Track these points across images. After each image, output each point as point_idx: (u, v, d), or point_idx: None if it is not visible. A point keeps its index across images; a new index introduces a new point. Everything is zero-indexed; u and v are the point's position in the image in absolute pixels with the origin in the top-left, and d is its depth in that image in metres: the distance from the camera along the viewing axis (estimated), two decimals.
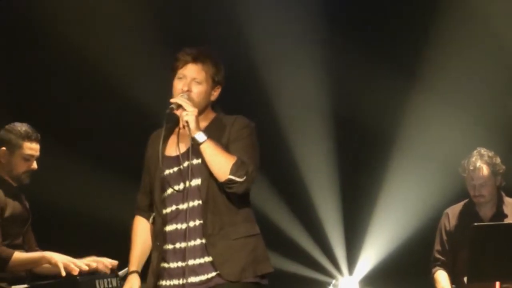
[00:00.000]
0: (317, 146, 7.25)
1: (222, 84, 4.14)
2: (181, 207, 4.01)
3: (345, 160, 7.28)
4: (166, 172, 4.05)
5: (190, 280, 3.98)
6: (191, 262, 3.98)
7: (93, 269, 4.91)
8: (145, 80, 6.93)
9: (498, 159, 5.83)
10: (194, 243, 3.99)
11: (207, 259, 3.97)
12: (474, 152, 5.83)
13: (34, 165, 5.14)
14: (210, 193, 3.96)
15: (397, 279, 6.97)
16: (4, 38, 6.98)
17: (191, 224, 3.98)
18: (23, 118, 5.34)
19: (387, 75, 6.98)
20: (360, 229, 7.23)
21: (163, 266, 4.05)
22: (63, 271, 4.83)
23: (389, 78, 7.00)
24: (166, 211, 4.05)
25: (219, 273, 3.95)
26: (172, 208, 4.03)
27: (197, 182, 3.99)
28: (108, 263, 4.94)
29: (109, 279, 4.83)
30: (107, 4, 7.06)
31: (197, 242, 3.98)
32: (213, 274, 3.97)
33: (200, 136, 3.92)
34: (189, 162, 3.98)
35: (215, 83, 4.11)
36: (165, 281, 4.05)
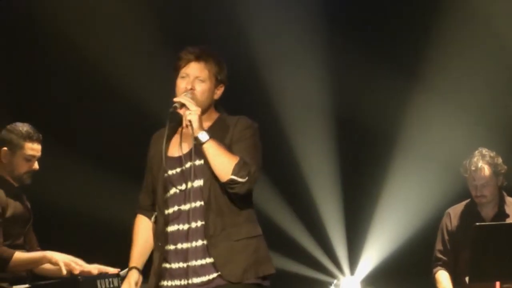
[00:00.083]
0: (318, 146, 7.25)
1: (225, 83, 4.13)
2: (183, 207, 4.00)
3: (346, 160, 7.27)
4: (168, 172, 4.04)
5: (192, 281, 3.97)
6: (193, 263, 3.97)
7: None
8: (145, 80, 6.92)
9: (500, 159, 5.82)
10: (196, 244, 3.98)
11: (209, 260, 3.96)
12: (476, 152, 5.82)
13: (36, 166, 5.14)
14: (212, 194, 3.96)
15: (398, 279, 6.96)
16: (4, 38, 6.97)
17: (193, 225, 3.98)
18: (23, 118, 5.34)
19: (388, 75, 6.98)
20: (362, 229, 7.23)
21: (165, 266, 4.04)
22: (64, 270, 4.83)
23: (390, 78, 6.99)
24: (168, 211, 4.04)
25: (221, 274, 3.94)
26: (174, 209, 4.02)
27: (199, 183, 3.98)
28: (110, 271, 4.94)
29: (110, 279, 4.83)
30: (107, 4, 7.06)
31: (199, 243, 3.97)
32: (214, 275, 3.96)
33: (203, 135, 3.92)
34: (192, 163, 3.97)
35: (218, 82, 4.10)
36: (167, 282, 4.04)
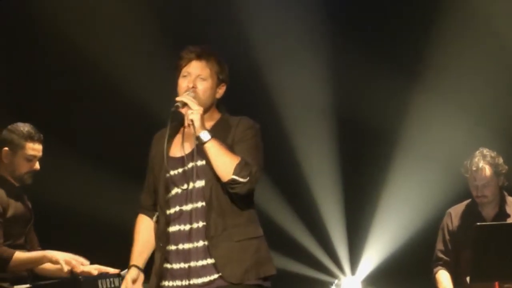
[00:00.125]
0: (319, 146, 7.24)
1: (226, 83, 4.13)
2: (184, 208, 4.00)
3: (347, 160, 7.27)
4: (170, 172, 4.03)
5: (193, 282, 3.97)
6: (194, 263, 3.97)
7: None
8: (146, 80, 6.92)
9: (501, 159, 5.82)
10: (197, 244, 3.97)
11: (210, 261, 3.96)
12: (477, 152, 5.82)
13: (37, 166, 5.14)
14: (213, 194, 3.95)
15: (399, 278, 6.96)
16: (4, 38, 6.96)
17: (194, 225, 3.97)
18: (23, 118, 5.33)
19: (389, 75, 6.98)
20: (363, 229, 7.23)
21: (166, 267, 4.04)
22: (65, 267, 4.84)
23: (391, 78, 6.99)
24: (170, 211, 4.03)
25: (221, 275, 3.94)
26: (176, 209, 4.02)
27: (201, 183, 3.97)
28: (111, 272, 4.94)
29: (111, 279, 4.84)
30: (107, 4, 7.05)
31: (200, 244, 3.97)
32: (215, 276, 3.95)
33: (205, 135, 3.91)
34: (194, 163, 3.97)
35: (220, 81, 4.10)
36: (168, 282, 4.04)
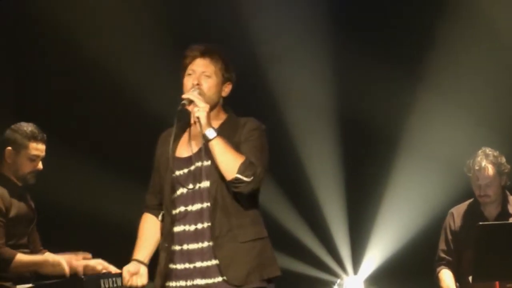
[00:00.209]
0: (321, 146, 7.24)
1: (232, 81, 4.13)
2: (189, 208, 4.00)
3: (349, 160, 7.26)
4: (176, 173, 4.04)
5: (196, 282, 3.98)
6: (199, 264, 3.98)
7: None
8: (146, 79, 6.91)
9: (503, 158, 5.81)
10: (202, 245, 3.98)
11: (214, 261, 3.96)
12: (479, 151, 5.81)
13: (40, 166, 5.14)
14: (219, 195, 3.95)
15: (401, 278, 6.96)
16: (4, 38, 6.96)
17: (199, 226, 3.98)
18: (25, 117, 5.33)
19: (391, 75, 6.97)
20: (365, 228, 7.22)
21: (171, 267, 4.04)
22: (67, 269, 4.83)
23: (393, 78, 6.98)
24: (175, 211, 4.04)
25: (225, 278, 3.94)
26: (181, 209, 4.02)
27: (206, 184, 3.98)
28: (112, 270, 4.94)
29: (114, 278, 4.83)
30: (107, 4, 7.05)
31: (205, 244, 3.98)
32: (219, 279, 3.96)
33: (211, 132, 3.92)
34: (199, 164, 3.98)
35: (225, 79, 4.10)
36: (172, 282, 4.05)
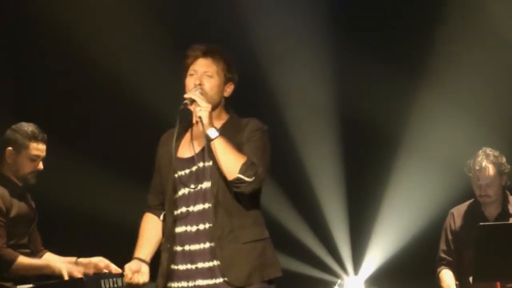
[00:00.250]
0: (322, 146, 7.24)
1: (234, 82, 4.13)
2: (191, 209, 4.01)
3: (350, 160, 7.27)
4: (178, 173, 4.04)
5: (198, 283, 3.98)
6: (200, 265, 3.99)
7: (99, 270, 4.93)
8: (146, 79, 6.92)
9: (504, 158, 5.81)
10: (204, 246, 3.99)
11: (216, 263, 3.96)
12: (480, 152, 5.81)
13: (40, 166, 5.14)
14: (220, 196, 3.95)
15: (402, 278, 6.96)
16: (4, 38, 6.96)
17: (200, 226, 3.98)
18: (25, 117, 5.33)
19: (391, 75, 6.98)
20: (366, 229, 7.22)
21: (173, 268, 4.05)
22: (66, 277, 4.84)
23: (393, 78, 6.99)
24: (177, 212, 4.04)
25: (226, 279, 3.94)
26: (182, 210, 4.02)
27: (207, 184, 3.98)
28: (113, 268, 4.94)
29: (114, 279, 4.83)
30: (107, 4, 7.05)
31: (206, 245, 3.98)
32: (220, 280, 3.96)
33: (213, 132, 3.92)
34: (201, 164, 3.99)
35: (227, 79, 4.09)
36: (174, 283, 4.05)
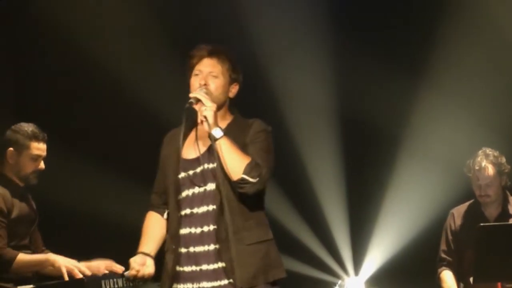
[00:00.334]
0: (322, 147, 7.24)
1: (239, 82, 4.14)
2: (195, 211, 4.01)
3: (350, 161, 7.27)
4: (182, 174, 4.04)
5: (203, 285, 3.99)
6: (205, 267, 3.99)
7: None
8: (147, 79, 6.91)
9: (504, 158, 5.82)
10: (208, 248, 3.99)
11: (221, 264, 3.97)
12: (479, 152, 5.82)
13: (42, 165, 5.13)
14: (224, 198, 3.94)
15: (402, 279, 6.96)
16: (4, 38, 6.96)
17: (205, 228, 3.99)
18: (25, 117, 5.33)
19: (392, 75, 6.98)
20: (366, 229, 7.22)
21: (178, 269, 4.05)
22: (66, 276, 4.83)
23: (394, 78, 6.99)
24: (181, 213, 4.04)
25: (231, 281, 3.94)
26: (187, 212, 4.02)
27: (212, 186, 3.98)
28: (117, 268, 4.95)
29: (115, 279, 4.82)
30: (108, 4, 7.05)
31: (211, 247, 3.99)
32: (225, 282, 3.96)
33: (217, 132, 3.92)
34: (205, 166, 3.99)
35: (232, 80, 4.10)
36: (180, 285, 4.05)
